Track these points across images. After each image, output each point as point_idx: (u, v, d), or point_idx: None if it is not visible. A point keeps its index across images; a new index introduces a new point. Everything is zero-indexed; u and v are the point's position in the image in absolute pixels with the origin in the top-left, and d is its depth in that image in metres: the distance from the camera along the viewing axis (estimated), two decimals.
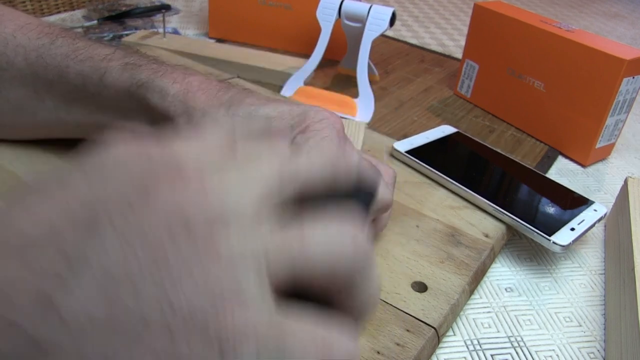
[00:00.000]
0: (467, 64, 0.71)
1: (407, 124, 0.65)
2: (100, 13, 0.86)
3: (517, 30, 0.63)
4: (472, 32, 0.69)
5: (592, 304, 0.41)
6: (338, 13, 0.68)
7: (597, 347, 0.38)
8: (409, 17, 1.13)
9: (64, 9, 0.93)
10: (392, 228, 0.42)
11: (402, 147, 0.52)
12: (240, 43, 0.85)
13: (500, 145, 0.62)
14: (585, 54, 0.56)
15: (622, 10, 1.34)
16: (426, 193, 0.47)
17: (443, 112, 0.69)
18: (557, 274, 0.44)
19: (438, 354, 0.36)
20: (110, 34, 0.82)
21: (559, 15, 1.25)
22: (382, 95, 0.71)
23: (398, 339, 0.32)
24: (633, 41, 1.10)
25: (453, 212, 0.45)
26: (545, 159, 0.61)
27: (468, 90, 0.72)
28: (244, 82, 0.65)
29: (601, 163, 0.62)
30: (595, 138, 0.58)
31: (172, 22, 0.93)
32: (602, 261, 0.46)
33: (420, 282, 0.37)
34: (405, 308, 0.35)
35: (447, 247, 0.41)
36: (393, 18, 0.66)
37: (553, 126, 0.62)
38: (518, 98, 0.65)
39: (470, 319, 0.39)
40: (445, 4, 1.26)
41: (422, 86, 0.76)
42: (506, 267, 0.44)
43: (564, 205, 0.46)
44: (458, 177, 0.48)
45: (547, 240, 0.41)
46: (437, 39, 1.00)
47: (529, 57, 0.62)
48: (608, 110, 0.56)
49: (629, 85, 0.55)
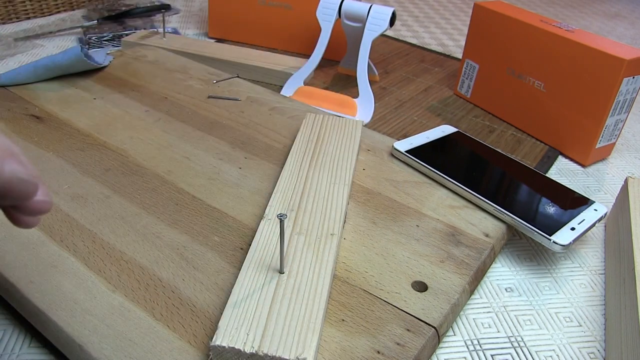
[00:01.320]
0: (467, 64, 0.71)
1: (407, 123, 0.65)
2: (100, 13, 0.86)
3: (517, 30, 0.63)
4: (472, 32, 0.70)
5: (592, 304, 0.41)
6: (338, 13, 0.68)
7: (597, 347, 0.38)
8: (409, 17, 1.13)
9: (64, 9, 0.93)
10: (392, 227, 0.42)
11: (402, 147, 0.52)
12: (240, 43, 0.85)
13: (501, 145, 0.62)
14: (585, 54, 0.56)
15: (622, 10, 1.34)
16: (426, 193, 0.47)
17: (443, 112, 0.69)
18: (557, 274, 0.44)
19: (438, 354, 0.36)
20: (110, 33, 0.82)
21: (559, 15, 1.25)
22: (382, 95, 0.71)
23: (398, 339, 0.32)
24: (633, 41, 1.10)
25: (453, 212, 0.45)
26: (545, 158, 0.61)
27: (468, 90, 0.72)
28: (244, 82, 0.65)
29: (601, 163, 0.62)
30: (596, 138, 0.58)
31: (172, 22, 0.93)
32: (602, 261, 0.46)
33: (421, 281, 0.37)
34: (406, 307, 0.35)
35: (447, 246, 0.41)
36: (393, 18, 0.66)
37: (553, 126, 0.62)
38: (518, 98, 0.65)
39: (471, 319, 0.39)
40: (445, 4, 1.26)
41: (422, 86, 0.76)
42: (506, 267, 0.44)
43: (564, 205, 0.46)
44: (458, 176, 0.48)
45: (547, 240, 0.41)
46: (437, 39, 1.00)
47: (529, 57, 0.62)
48: (608, 110, 0.56)
49: (629, 85, 0.55)
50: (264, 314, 0.30)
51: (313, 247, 0.36)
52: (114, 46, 0.79)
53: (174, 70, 0.67)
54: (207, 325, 0.32)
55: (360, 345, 0.32)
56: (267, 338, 0.29)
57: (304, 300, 0.32)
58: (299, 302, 0.31)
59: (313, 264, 0.35)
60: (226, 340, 0.28)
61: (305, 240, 0.37)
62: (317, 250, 0.36)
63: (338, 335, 0.32)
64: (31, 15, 0.89)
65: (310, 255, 0.35)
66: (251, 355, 0.28)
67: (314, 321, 0.30)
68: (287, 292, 0.32)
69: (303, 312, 0.31)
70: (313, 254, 0.35)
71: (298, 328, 0.30)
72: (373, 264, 0.38)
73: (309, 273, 0.34)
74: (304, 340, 0.29)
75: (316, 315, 0.31)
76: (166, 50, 0.72)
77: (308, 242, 0.36)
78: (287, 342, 0.29)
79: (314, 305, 0.31)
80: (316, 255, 0.35)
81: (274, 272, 0.34)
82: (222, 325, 0.29)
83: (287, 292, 0.32)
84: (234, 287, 0.32)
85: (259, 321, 0.30)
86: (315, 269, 0.34)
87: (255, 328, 0.29)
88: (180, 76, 0.65)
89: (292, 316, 0.30)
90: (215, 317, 0.33)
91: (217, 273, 0.36)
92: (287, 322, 0.30)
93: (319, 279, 0.33)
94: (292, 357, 0.28)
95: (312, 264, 0.35)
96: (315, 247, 0.36)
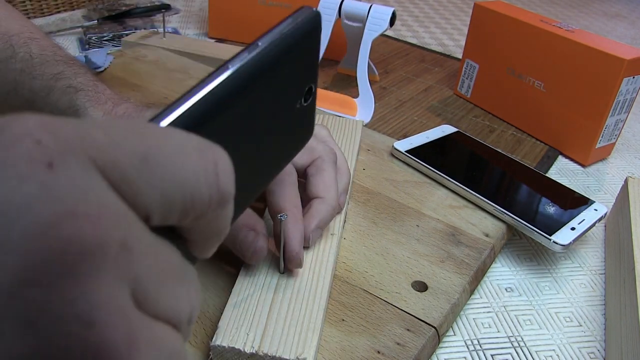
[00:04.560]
0: (467, 64, 0.71)
1: (407, 123, 0.65)
2: (100, 13, 0.86)
3: (517, 30, 0.63)
4: (472, 32, 0.69)
5: (592, 304, 0.41)
6: (338, 13, 0.68)
7: (597, 347, 0.38)
8: (409, 17, 1.13)
9: (64, 9, 0.93)
10: (392, 227, 0.42)
11: (402, 147, 0.52)
12: (240, 43, 0.85)
13: (501, 145, 0.62)
14: (585, 54, 0.56)
15: (622, 10, 1.34)
16: (426, 192, 0.47)
17: (443, 112, 0.69)
18: (557, 273, 0.44)
19: (438, 354, 0.36)
20: (110, 33, 0.82)
21: (559, 15, 1.25)
22: (382, 95, 0.71)
23: (398, 338, 0.32)
24: (633, 41, 1.09)
25: (453, 212, 0.45)
26: (545, 158, 0.61)
27: (468, 90, 0.72)
28: None
29: (601, 163, 0.62)
30: (596, 138, 0.58)
31: (172, 22, 0.93)
32: (602, 261, 0.46)
33: (421, 281, 0.37)
34: (406, 307, 0.35)
35: (447, 246, 0.41)
36: (393, 18, 0.66)
37: (553, 126, 0.62)
38: (518, 98, 0.65)
39: (471, 319, 0.39)
40: (445, 4, 1.26)
41: (422, 86, 0.76)
42: (506, 267, 0.44)
43: (564, 205, 0.46)
44: (458, 176, 0.48)
45: (547, 240, 0.41)
46: (437, 39, 1.00)
47: (529, 57, 0.62)
48: (608, 110, 0.56)
49: (629, 85, 0.55)
50: (264, 314, 0.30)
51: (313, 247, 0.36)
52: (114, 46, 0.79)
53: (174, 70, 0.67)
54: (208, 325, 0.32)
55: (360, 345, 0.32)
56: (267, 338, 0.29)
57: (304, 300, 0.32)
58: (299, 302, 0.31)
59: (313, 264, 0.35)
60: (226, 340, 0.28)
61: None
62: (317, 250, 0.36)
63: (338, 335, 0.32)
64: (31, 15, 0.89)
65: (310, 255, 0.35)
66: (251, 355, 0.28)
67: (314, 321, 0.30)
68: (287, 292, 0.32)
69: (303, 312, 0.31)
70: (313, 254, 0.35)
71: (298, 328, 0.30)
72: (373, 263, 0.38)
73: (309, 273, 0.34)
74: (304, 340, 0.29)
75: (316, 315, 0.31)
76: (166, 50, 0.72)
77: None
78: (287, 342, 0.29)
79: (314, 305, 0.31)
80: (316, 255, 0.35)
81: (274, 272, 0.34)
82: (222, 325, 0.29)
83: (287, 292, 0.32)
84: (234, 287, 0.32)
85: (259, 321, 0.30)
86: (315, 269, 0.34)
87: (255, 328, 0.29)
88: (181, 76, 0.65)
89: (292, 316, 0.30)
90: (215, 317, 0.33)
91: (218, 273, 0.36)
92: (287, 322, 0.30)
93: (319, 279, 0.33)
94: (292, 357, 0.28)
95: (312, 264, 0.35)
96: (315, 247, 0.36)
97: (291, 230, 0.32)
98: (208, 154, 0.16)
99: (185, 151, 0.15)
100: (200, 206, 0.16)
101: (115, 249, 0.12)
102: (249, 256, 0.32)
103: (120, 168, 0.14)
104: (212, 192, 0.16)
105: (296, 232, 0.33)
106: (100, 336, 0.12)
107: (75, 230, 0.12)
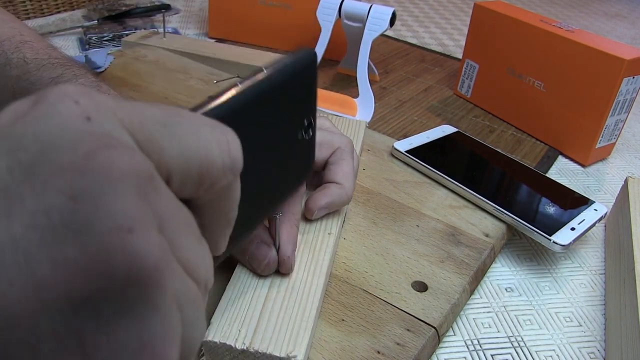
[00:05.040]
0: (467, 64, 0.71)
1: (407, 123, 0.65)
2: (100, 13, 0.86)
3: (517, 30, 0.63)
4: (472, 32, 0.69)
5: (592, 304, 0.41)
6: (338, 13, 0.68)
7: (597, 347, 0.38)
8: (409, 17, 1.13)
9: (64, 9, 0.93)
10: (392, 227, 0.42)
11: (402, 147, 0.52)
12: (240, 43, 0.85)
13: (501, 145, 0.62)
14: (585, 54, 0.56)
15: (622, 10, 1.34)
16: (426, 192, 0.47)
17: (443, 112, 0.69)
18: (557, 273, 0.44)
19: (438, 354, 0.36)
20: (110, 33, 0.82)
21: (559, 15, 1.25)
22: (382, 95, 0.71)
23: (398, 339, 0.32)
24: (633, 41, 1.09)
25: (453, 212, 0.45)
26: (545, 158, 0.61)
27: (468, 90, 0.72)
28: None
29: (601, 163, 0.62)
30: (596, 138, 0.58)
31: (172, 22, 0.93)
32: (602, 261, 0.46)
33: (421, 281, 0.37)
34: (406, 307, 0.35)
35: (447, 246, 0.41)
36: (393, 18, 0.66)
37: (553, 126, 0.62)
38: (518, 98, 0.65)
39: (471, 319, 0.39)
40: (445, 4, 1.26)
41: (422, 86, 0.76)
42: (506, 267, 0.44)
43: (564, 205, 0.46)
44: (458, 176, 0.48)
45: (547, 240, 0.41)
46: (437, 39, 1.00)
47: (529, 57, 0.62)
48: (608, 110, 0.56)
49: (629, 85, 0.55)
50: (257, 311, 0.30)
51: (310, 246, 0.36)
52: (114, 46, 0.79)
53: (174, 70, 0.67)
54: None
55: (360, 345, 0.32)
56: (258, 335, 0.29)
57: (297, 298, 0.32)
58: (292, 300, 0.31)
59: (309, 263, 0.34)
60: (218, 336, 0.28)
61: (302, 239, 0.36)
62: (314, 248, 0.36)
63: (338, 335, 0.32)
64: (31, 15, 0.89)
65: (306, 254, 0.35)
66: (242, 351, 0.28)
67: (306, 319, 0.30)
68: (282, 290, 0.32)
69: (296, 310, 0.31)
70: (309, 253, 0.35)
71: (290, 326, 0.30)
72: (373, 264, 0.38)
73: (304, 272, 0.34)
74: (295, 338, 0.29)
75: (309, 313, 0.31)
76: (166, 50, 0.72)
77: (305, 241, 0.36)
78: (278, 339, 0.29)
79: (307, 303, 0.31)
80: (312, 253, 0.35)
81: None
82: (215, 321, 0.30)
83: (281, 289, 0.32)
84: (228, 284, 0.32)
85: (252, 318, 0.30)
86: (310, 268, 0.34)
87: (247, 325, 0.29)
88: (181, 76, 0.65)
89: (285, 314, 0.30)
90: (208, 313, 0.33)
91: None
92: (280, 320, 0.30)
93: (313, 278, 0.33)
94: (282, 355, 0.28)
95: (307, 263, 0.34)
96: (312, 245, 0.36)
97: (285, 234, 0.33)
98: (219, 127, 0.18)
99: (200, 122, 0.18)
100: (215, 171, 0.17)
101: (145, 178, 0.14)
102: (262, 268, 0.32)
103: (145, 128, 0.16)
104: (224, 157, 0.18)
105: (290, 236, 0.33)
106: (138, 243, 0.13)
107: (110, 157, 0.14)
